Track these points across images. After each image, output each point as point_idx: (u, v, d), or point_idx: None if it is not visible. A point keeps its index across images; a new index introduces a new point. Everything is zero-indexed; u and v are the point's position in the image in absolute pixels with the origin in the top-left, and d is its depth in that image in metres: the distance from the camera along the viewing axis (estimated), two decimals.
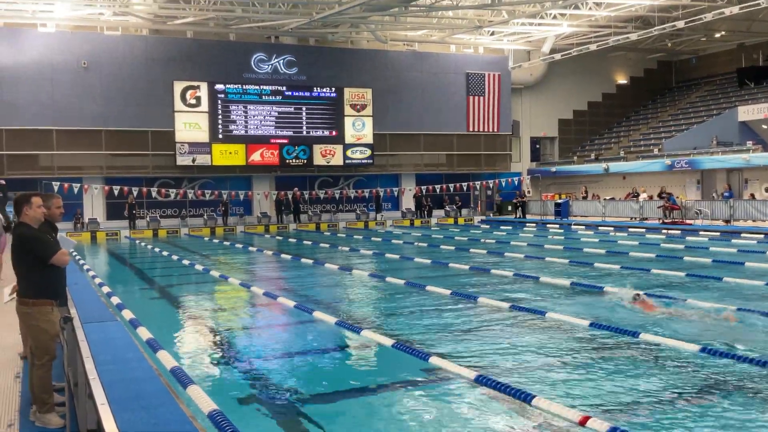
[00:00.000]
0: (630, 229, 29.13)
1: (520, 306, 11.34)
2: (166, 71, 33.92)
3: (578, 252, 20.51)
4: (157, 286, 16.40)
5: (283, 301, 12.59)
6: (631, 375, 7.48)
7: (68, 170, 32.80)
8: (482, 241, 25.04)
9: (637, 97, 46.37)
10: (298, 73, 36.43)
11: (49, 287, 5.78)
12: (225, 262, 21.06)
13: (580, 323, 9.93)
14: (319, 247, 24.89)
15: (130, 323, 10.01)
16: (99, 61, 32.97)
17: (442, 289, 13.23)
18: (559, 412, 6.11)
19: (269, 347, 9.57)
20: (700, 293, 12.48)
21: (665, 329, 9.56)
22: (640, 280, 14.27)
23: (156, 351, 8.08)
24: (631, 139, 42.09)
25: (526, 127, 43.33)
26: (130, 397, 4.04)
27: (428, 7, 30.78)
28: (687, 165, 32.97)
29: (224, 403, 6.66)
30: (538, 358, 8.32)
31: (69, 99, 32.50)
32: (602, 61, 43.32)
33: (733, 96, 39.19)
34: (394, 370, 8.08)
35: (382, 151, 38.23)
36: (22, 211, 5.78)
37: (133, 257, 24.36)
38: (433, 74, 39.29)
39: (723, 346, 8.48)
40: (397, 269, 17.47)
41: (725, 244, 21.57)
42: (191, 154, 34.14)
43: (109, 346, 5.54)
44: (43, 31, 32.20)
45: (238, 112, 35.14)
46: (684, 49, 43.84)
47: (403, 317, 11.15)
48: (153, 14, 32.43)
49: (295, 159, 36.11)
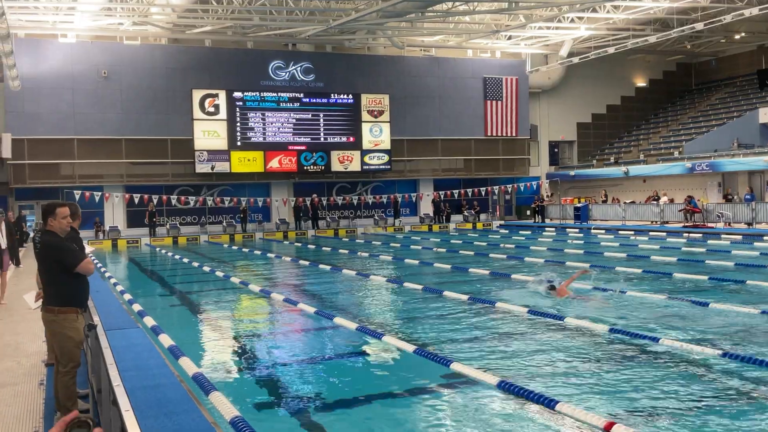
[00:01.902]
0: (651, 232, 28.86)
1: (539, 311, 11.26)
2: (185, 80, 34.20)
3: (599, 257, 20.34)
4: (178, 293, 16.48)
5: (304, 307, 12.59)
6: (654, 378, 7.39)
7: (89, 179, 33.15)
8: (501, 246, 24.93)
9: (656, 99, 46.04)
10: (316, 80, 36.57)
11: (74, 295, 5.83)
12: (245, 269, 21.13)
13: (599, 328, 9.84)
14: (338, 253, 24.91)
15: (152, 330, 10.06)
16: (119, 70, 33.32)
17: (461, 295, 13.18)
18: (583, 417, 6.04)
19: (290, 353, 9.57)
20: (722, 296, 12.32)
21: (684, 335, 9.45)
22: (661, 283, 14.12)
23: (178, 358, 8.10)
24: (650, 142, 41.76)
25: (544, 131, 43.15)
26: (153, 404, 4.05)
27: (445, 12, 30.79)
28: (708, 167, 32.64)
29: (246, 409, 6.67)
30: (560, 362, 8.25)
31: (89, 108, 32.87)
32: (621, 63, 43.06)
33: (753, 97, 38.76)
34: (416, 375, 8.05)
35: (400, 157, 38.24)
36: (47, 221, 5.85)
37: (154, 264, 24.52)
38: (450, 79, 39.27)
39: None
40: (417, 274, 17.43)
41: (748, 247, 21.31)
42: (210, 161, 34.37)
43: (131, 353, 5.56)
44: (64, 42, 32.61)
45: (256, 119, 35.33)
46: (703, 50, 43.47)
47: (424, 322, 11.12)
48: (172, 24, 32.73)
49: (313, 165, 36.22)
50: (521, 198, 41.57)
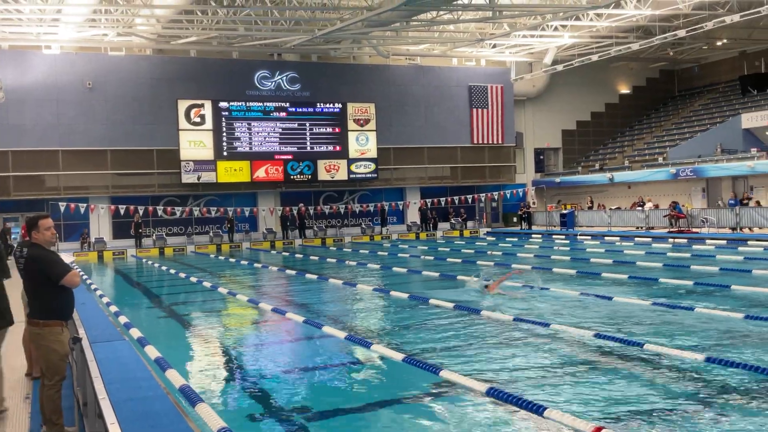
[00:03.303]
0: (636, 238, 29.05)
1: (524, 318, 11.31)
2: (170, 90, 34.12)
3: (585, 263, 20.45)
4: (165, 304, 16.40)
5: (292, 317, 12.56)
6: (640, 383, 7.43)
7: (74, 190, 32.94)
8: (489, 253, 25.00)
9: (640, 106, 46.41)
10: (301, 89, 36.59)
11: (59, 308, 5.80)
12: (232, 279, 21.07)
13: (585, 333, 9.90)
14: (326, 262, 24.89)
15: (138, 342, 9.99)
16: (103, 81, 33.19)
17: (449, 303, 13.20)
18: (571, 423, 6.07)
19: (279, 363, 9.55)
20: (708, 301, 12.42)
21: (669, 340, 9.53)
22: (647, 289, 14.22)
23: (165, 370, 8.06)
24: (635, 148, 42.08)
25: (529, 138, 43.38)
26: (140, 416, 4.04)
27: (429, 21, 30.91)
28: (692, 173, 32.92)
29: (234, 420, 6.65)
30: (547, 368, 8.28)
31: (74, 119, 32.70)
32: (604, 71, 43.39)
33: (736, 103, 39.16)
34: (405, 384, 8.05)
35: (387, 165, 38.30)
36: (31, 235, 5.84)
37: (140, 276, 24.39)
38: (435, 87, 39.42)
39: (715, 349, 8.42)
40: (405, 283, 17.44)
41: (732, 252, 21.50)
42: (196, 171, 34.26)
43: (117, 365, 5.54)
44: (48, 53, 32.46)
45: (242, 129, 35.28)
46: (686, 57, 43.89)
47: (413, 330, 11.13)
48: (156, 34, 32.67)
49: (300, 174, 36.20)
50: (508, 205, 41.71)
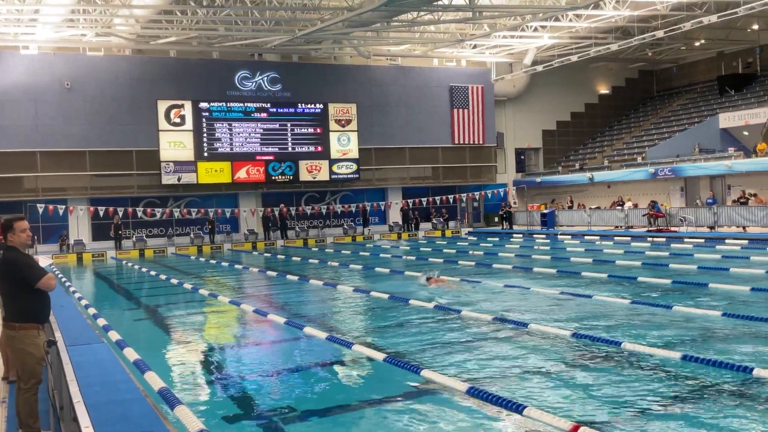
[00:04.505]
0: (616, 237, 29.28)
1: (504, 318, 11.37)
2: (150, 91, 33.88)
3: (566, 262, 20.58)
4: (145, 306, 16.29)
5: (274, 318, 12.54)
6: (618, 381, 7.50)
7: (53, 192, 32.61)
8: (470, 253, 25.09)
9: (619, 106, 46.78)
10: (282, 90, 36.49)
11: (34, 311, 5.76)
12: (213, 281, 20.96)
13: (563, 333, 9.97)
14: (308, 263, 24.84)
15: (117, 345, 9.92)
16: (82, 82, 32.89)
17: (428, 303, 13.24)
18: (550, 421, 6.12)
19: (260, 365, 9.52)
20: (686, 300, 12.56)
21: (647, 339, 9.62)
22: (627, 287, 14.35)
23: (144, 372, 8.01)
24: (614, 148, 42.40)
25: (510, 138, 43.57)
26: (117, 419, 4.02)
27: (410, 22, 30.96)
28: (670, 173, 33.23)
29: (214, 422, 6.63)
30: (527, 368, 8.33)
31: (53, 120, 32.38)
32: (584, 71, 43.68)
33: (714, 103, 39.58)
34: (386, 384, 8.07)
35: (368, 166, 38.30)
36: (7, 238, 5.80)
37: (120, 278, 24.20)
38: (416, 88, 39.48)
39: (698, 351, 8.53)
40: (387, 283, 17.45)
41: (710, 251, 21.74)
42: (176, 172, 34.05)
43: (95, 368, 5.50)
44: (26, 54, 32.11)
45: (222, 129, 35.11)
46: (664, 58, 44.30)
47: (394, 330, 11.14)
48: (135, 34, 32.43)
49: (281, 175, 36.10)
50: (489, 205, 41.86)
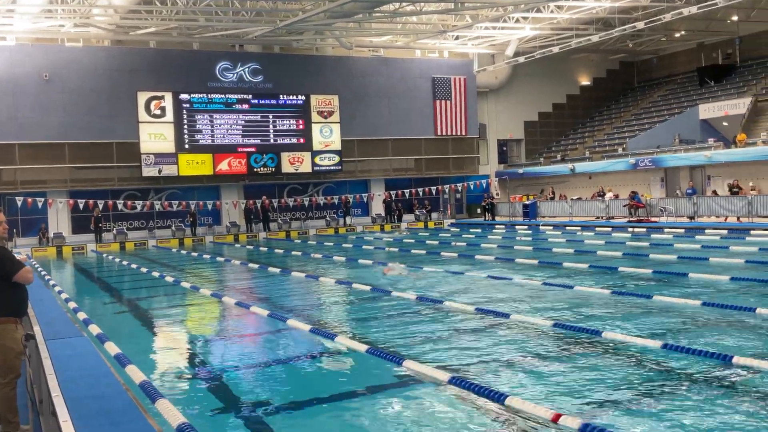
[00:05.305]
0: (597, 228, 29.49)
1: (486, 309, 11.42)
2: (130, 82, 33.54)
3: (547, 252, 20.70)
4: (126, 299, 16.19)
5: (256, 311, 12.50)
6: (598, 370, 7.56)
7: (32, 185, 32.26)
8: (453, 244, 25.15)
9: (600, 97, 47.03)
10: (264, 81, 36.28)
11: (12, 305, 5.69)
12: (195, 273, 20.85)
13: (544, 323, 10.04)
14: (291, 255, 24.78)
15: (98, 338, 9.85)
16: (61, 73, 32.49)
17: (411, 294, 13.28)
18: (531, 410, 6.16)
19: (242, 357, 9.49)
20: (666, 289, 12.67)
21: (627, 328, 9.71)
22: (609, 277, 14.46)
23: (125, 366, 7.96)
24: (595, 139, 42.65)
25: (492, 129, 43.67)
26: (97, 414, 3.98)
27: (392, 12, 30.89)
28: (651, 163, 33.48)
29: (196, 416, 6.60)
30: (508, 358, 8.38)
31: (31, 112, 31.97)
32: (565, 63, 43.83)
33: (693, 94, 39.91)
34: (370, 375, 8.08)
35: (351, 157, 38.23)
36: None
37: (101, 271, 24.01)
38: (399, 79, 39.43)
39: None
40: (370, 274, 17.46)
41: (690, 241, 21.95)
42: (157, 165, 33.79)
43: (75, 362, 5.45)
44: (3, 45, 31.66)
45: (204, 121, 34.87)
46: (645, 49, 44.57)
47: (376, 322, 11.15)
48: (115, 25, 32.07)
49: (264, 167, 35.94)
50: (471, 196, 41.99)
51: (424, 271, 17.16)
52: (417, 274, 16.95)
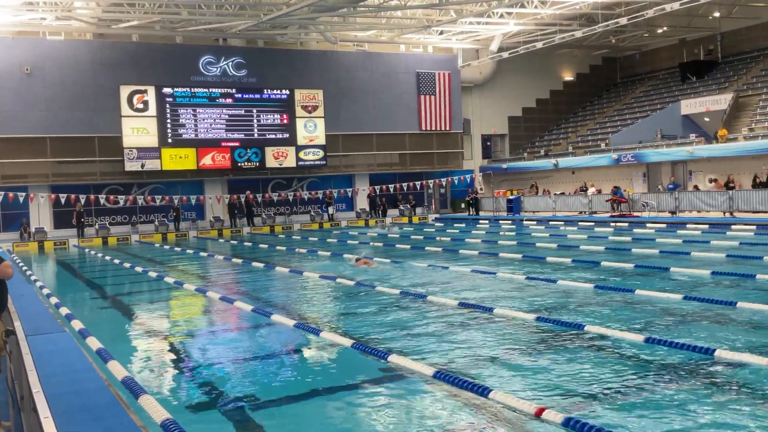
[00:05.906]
0: (580, 222, 29.65)
1: (470, 303, 11.46)
2: (112, 76, 33.27)
3: (531, 247, 20.79)
4: (108, 295, 16.07)
5: (241, 306, 12.46)
6: (581, 364, 7.61)
7: (13, 179, 31.94)
8: (437, 239, 25.19)
9: (583, 93, 47.25)
10: (248, 75, 36.11)
11: None
12: (178, 269, 20.73)
13: (528, 317, 10.09)
14: (275, 250, 24.71)
15: (80, 334, 9.77)
16: (42, 66, 32.16)
17: (395, 289, 13.29)
18: (515, 404, 6.19)
19: (226, 353, 9.45)
20: (648, 283, 12.77)
21: (610, 322, 9.77)
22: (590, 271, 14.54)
23: (107, 361, 7.90)
24: (579, 134, 42.85)
25: (477, 124, 43.76)
26: (78, 409, 3.95)
27: (377, 7, 30.83)
28: (633, 159, 33.70)
29: (180, 411, 6.56)
30: (492, 352, 8.41)
31: (12, 106, 31.63)
32: (549, 58, 43.99)
33: (675, 90, 40.21)
34: (354, 370, 8.07)
35: (335, 152, 38.17)
36: None
37: (83, 266, 23.81)
38: (383, 74, 39.38)
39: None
40: (357, 270, 17.44)
41: (671, 235, 22.12)
42: (140, 159, 33.56)
43: (56, 357, 5.41)
44: None
45: (187, 115, 34.66)
46: (627, 45, 44.82)
47: (361, 317, 11.15)
48: (97, 18, 31.76)
49: (248, 162, 35.80)
50: (456, 191, 42.07)
51: (410, 265, 17.18)
52: (383, 267, 17.29)
